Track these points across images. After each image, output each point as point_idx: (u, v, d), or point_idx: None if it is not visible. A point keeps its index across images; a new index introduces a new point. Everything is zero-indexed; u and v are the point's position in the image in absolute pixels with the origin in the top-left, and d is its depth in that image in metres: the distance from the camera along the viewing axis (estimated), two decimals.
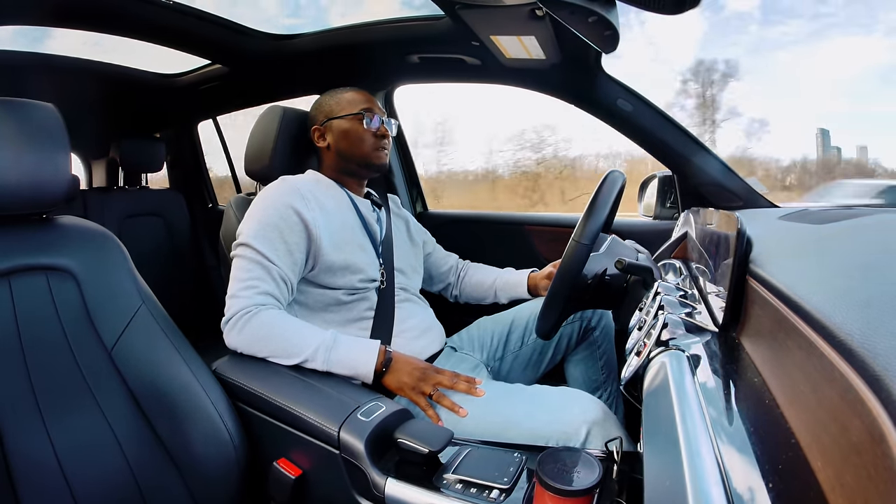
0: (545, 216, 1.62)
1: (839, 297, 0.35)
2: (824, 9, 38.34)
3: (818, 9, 38.65)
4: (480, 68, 1.31)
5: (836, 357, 0.28)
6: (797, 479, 0.29)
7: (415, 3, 1.30)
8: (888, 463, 0.21)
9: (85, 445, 0.73)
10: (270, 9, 3.81)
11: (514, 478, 0.62)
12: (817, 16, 36.03)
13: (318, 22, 4.99)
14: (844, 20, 34.95)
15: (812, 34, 32.33)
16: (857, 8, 37.93)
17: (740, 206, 1.18)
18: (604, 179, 0.85)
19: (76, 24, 1.31)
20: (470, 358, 1.08)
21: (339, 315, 0.96)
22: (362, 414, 0.71)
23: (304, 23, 1.51)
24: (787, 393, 0.37)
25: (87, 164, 2.45)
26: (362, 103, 1.05)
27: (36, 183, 0.76)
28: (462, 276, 1.30)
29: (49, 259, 0.78)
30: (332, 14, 7.78)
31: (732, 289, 0.54)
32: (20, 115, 0.75)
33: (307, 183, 0.98)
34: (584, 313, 1.12)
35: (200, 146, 2.41)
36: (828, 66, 36.37)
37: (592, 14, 0.70)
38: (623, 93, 1.19)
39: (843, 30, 35.77)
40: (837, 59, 35.85)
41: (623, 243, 0.95)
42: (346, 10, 11.40)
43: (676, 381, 0.46)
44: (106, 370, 0.78)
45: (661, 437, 0.40)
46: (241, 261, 0.89)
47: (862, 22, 36.68)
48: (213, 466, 0.77)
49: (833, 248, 0.54)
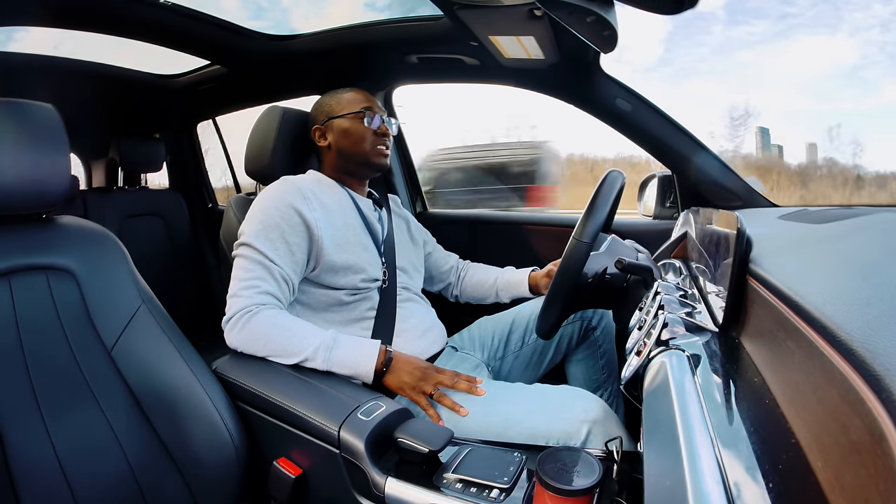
0: (545, 216, 1.63)
1: (839, 296, 0.35)
2: (791, 9, 38.65)
3: (785, 9, 38.96)
4: (479, 68, 1.31)
5: (836, 357, 0.28)
6: (797, 479, 0.29)
7: (377, 4, 1.30)
8: (888, 462, 0.21)
9: (85, 445, 0.73)
10: (232, 10, 3.80)
11: (514, 477, 0.62)
12: (784, 16, 36.28)
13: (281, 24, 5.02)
14: (811, 20, 35.18)
15: (778, 34, 32.55)
16: (823, 8, 38.23)
17: (740, 206, 1.18)
18: (603, 179, 0.85)
19: (75, 24, 1.31)
20: (471, 357, 1.08)
21: (341, 315, 0.96)
22: (362, 413, 0.71)
23: (268, 25, 1.53)
24: (787, 392, 0.37)
25: (87, 164, 2.45)
26: (363, 102, 1.05)
27: (35, 183, 0.76)
28: (462, 275, 1.30)
29: (49, 259, 0.78)
30: (294, 16, 7.87)
31: (732, 288, 0.54)
32: (20, 115, 0.75)
33: (309, 183, 0.98)
34: (585, 313, 1.12)
35: (200, 146, 2.41)
36: (793, 65, 36.59)
37: (591, 14, 0.70)
38: (622, 92, 1.19)
39: (809, 30, 36.03)
40: (803, 58, 36.09)
41: (623, 243, 0.95)
42: (309, 13, 11.43)
43: (676, 381, 0.46)
44: (106, 370, 0.78)
45: (662, 436, 0.40)
46: (243, 260, 0.89)
47: (828, 22, 36.93)
48: (213, 466, 0.77)
49: (833, 248, 0.54)
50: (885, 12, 34.50)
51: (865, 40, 32.67)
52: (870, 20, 35.57)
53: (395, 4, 0.98)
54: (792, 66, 35.71)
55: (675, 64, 30.94)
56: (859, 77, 28.45)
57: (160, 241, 2.17)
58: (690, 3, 0.61)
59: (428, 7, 1.01)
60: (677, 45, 25.94)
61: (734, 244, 0.56)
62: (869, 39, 32.82)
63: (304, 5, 14.56)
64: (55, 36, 1.34)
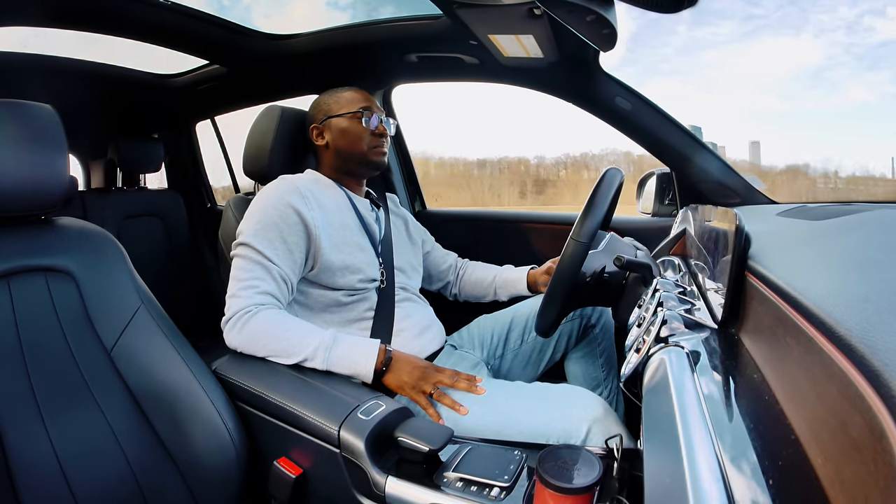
0: (544, 214, 1.62)
1: (838, 292, 0.35)
2: (757, 10, 38.82)
3: (750, 10, 39.12)
4: (478, 67, 1.31)
5: (835, 353, 0.28)
6: (797, 476, 0.29)
7: (340, 3, 1.29)
8: (888, 459, 0.21)
9: (85, 446, 0.73)
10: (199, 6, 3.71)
11: (514, 476, 0.62)
12: (750, 17, 36.44)
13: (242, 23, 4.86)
14: (776, 21, 35.31)
15: (745, 35, 32.65)
16: (789, 10, 38.40)
17: (739, 203, 1.18)
18: (602, 177, 0.85)
19: (74, 24, 1.30)
20: (470, 356, 1.08)
21: (339, 316, 0.96)
22: (362, 413, 0.71)
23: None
24: (786, 389, 0.37)
25: (86, 165, 2.45)
26: (361, 102, 1.05)
27: (34, 184, 0.76)
28: (461, 274, 1.30)
29: (48, 260, 0.78)
30: (255, 14, 7.72)
31: (731, 285, 0.54)
32: (18, 116, 0.75)
33: (307, 182, 0.98)
34: (584, 311, 1.12)
35: (199, 146, 2.40)
36: (758, 66, 36.79)
37: (590, 13, 0.69)
38: (621, 91, 1.19)
39: (774, 31, 36.18)
40: (768, 58, 36.29)
41: (622, 240, 0.95)
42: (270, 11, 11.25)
43: (676, 378, 0.46)
44: (105, 371, 0.78)
45: (661, 433, 0.40)
46: (242, 260, 0.89)
47: (792, 23, 37.09)
48: (213, 466, 0.77)
49: (832, 244, 0.54)
50: (851, 15, 34.68)
51: (831, 41, 32.68)
52: (835, 22, 35.63)
53: (358, 4, 0.97)
54: (757, 66, 35.85)
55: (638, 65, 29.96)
56: (824, 77, 28.45)
57: (159, 242, 2.17)
58: (690, 1, 0.61)
59: (427, 6, 1.01)
60: (641, 46, 25.67)
61: (733, 241, 0.56)
62: (834, 40, 32.80)
63: (264, 4, 14.37)
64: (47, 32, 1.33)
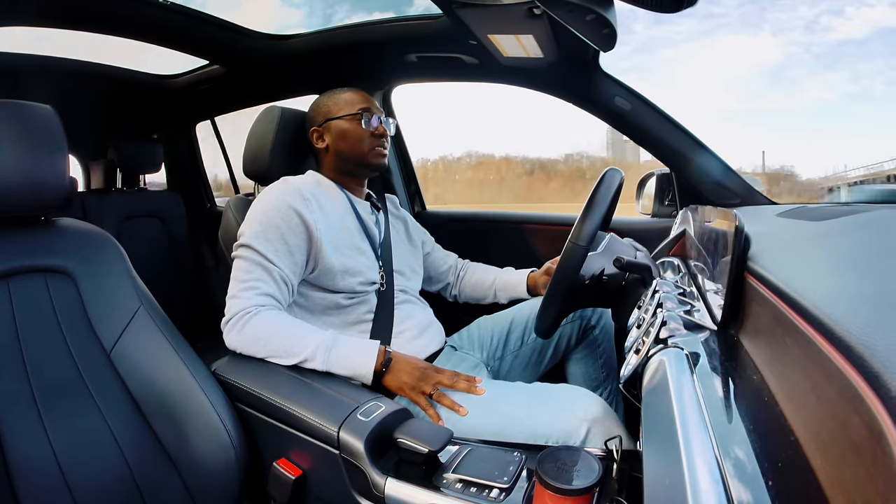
0: (544, 215, 1.62)
1: (838, 293, 0.35)
2: (717, 9, 38.80)
3: (710, 9, 39.12)
4: (478, 67, 1.31)
5: (834, 354, 0.28)
6: (796, 477, 0.29)
7: (294, 1, 1.28)
8: (887, 460, 0.21)
9: (84, 447, 0.73)
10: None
11: (513, 477, 0.62)
12: (709, 16, 36.41)
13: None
14: (736, 20, 35.29)
15: (703, 33, 32.59)
16: (749, 9, 38.34)
17: (738, 204, 1.18)
18: (601, 178, 0.85)
19: (74, 24, 1.30)
20: (470, 357, 1.08)
21: (339, 318, 0.96)
22: (362, 414, 0.71)
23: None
24: (785, 390, 0.37)
25: (85, 165, 2.44)
26: (360, 103, 1.04)
27: (34, 185, 0.76)
28: (461, 275, 1.30)
29: (47, 261, 0.78)
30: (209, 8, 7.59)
31: (731, 286, 0.54)
32: (18, 117, 0.75)
33: (308, 184, 0.98)
34: (584, 312, 1.12)
35: (198, 147, 2.40)
36: (718, 64, 36.76)
37: (590, 12, 0.69)
38: (621, 91, 1.19)
39: (733, 29, 36.14)
40: (727, 57, 36.25)
41: (621, 241, 0.95)
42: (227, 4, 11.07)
43: (675, 379, 0.46)
44: (105, 372, 0.78)
45: (661, 435, 0.40)
46: (242, 262, 0.89)
47: (751, 22, 37.07)
48: (212, 467, 0.77)
49: (831, 245, 0.54)
50: (810, 14, 34.66)
51: (790, 40, 32.68)
52: (794, 21, 35.63)
53: (314, 2, 0.96)
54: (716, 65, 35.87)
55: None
56: (784, 76, 28.42)
57: (159, 243, 2.17)
58: (690, 1, 0.61)
59: (427, 6, 1.01)
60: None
61: (733, 242, 0.56)
62: (793, 40, 32.80)
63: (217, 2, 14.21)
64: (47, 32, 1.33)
